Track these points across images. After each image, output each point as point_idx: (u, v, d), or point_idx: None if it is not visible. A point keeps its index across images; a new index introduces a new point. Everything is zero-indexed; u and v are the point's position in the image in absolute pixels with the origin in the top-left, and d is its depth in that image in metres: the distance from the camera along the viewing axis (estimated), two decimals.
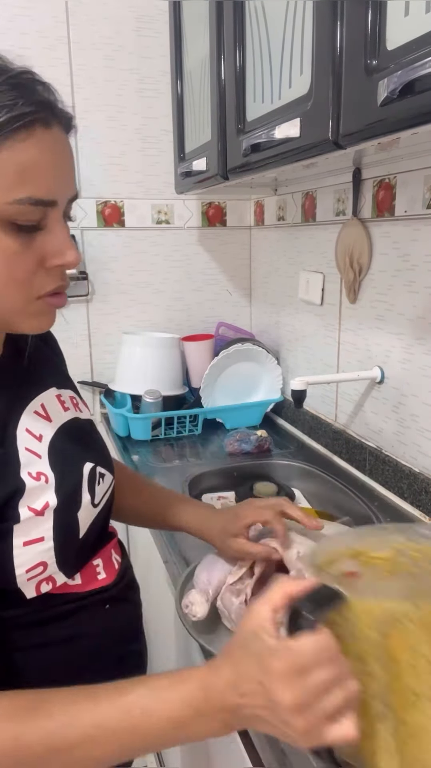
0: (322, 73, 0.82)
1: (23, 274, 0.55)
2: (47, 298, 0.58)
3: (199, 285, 1.98)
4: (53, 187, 0.54)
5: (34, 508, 0.61)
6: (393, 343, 1.24)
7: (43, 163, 0.53)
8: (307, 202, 1.57)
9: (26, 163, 0.52)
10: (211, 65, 1.28)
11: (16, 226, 0.53)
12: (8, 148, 0.50)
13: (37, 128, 0.52)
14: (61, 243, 0.56)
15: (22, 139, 0.51)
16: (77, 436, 0.71)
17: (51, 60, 1.67)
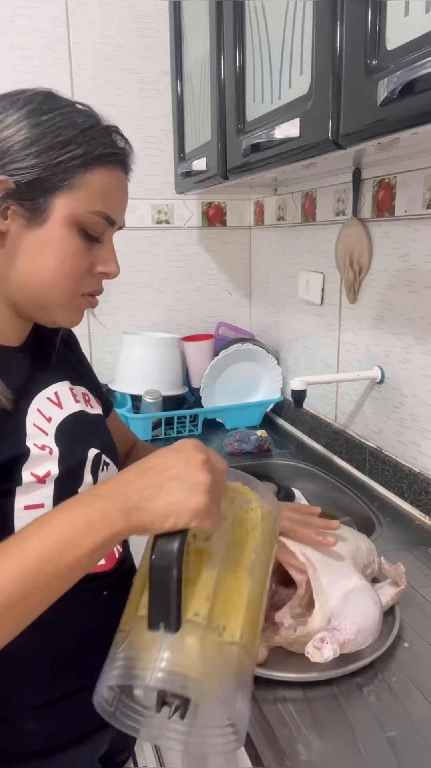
0: (322, 73, 0.82)
1: (78, 271, 0.68)
2: (87, 297, 0.71)
3: (199, 285, 1.98)
4: (118, 213, 0.70)
5: (36, 474, 0.66)
6: (393, 343, 1.24)
7: (117, 193, 0.69)
8: (307, 202, 1.57)
9: (108, 188, 0.67)
10: (211, 65, 1.28)
11: (84, 232, 0.67)
12: (100, 173, 0.66)
13: (118, 167, 0.69)
14: (109, 255, 0.71)
15: (110, 171, 0.67)
16: (85, 426, 0.76)
17: (51, 60, 1.67)
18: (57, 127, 0.64)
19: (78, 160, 0.64)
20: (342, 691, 0.72)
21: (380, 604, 0.76)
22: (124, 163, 0.70)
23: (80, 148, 0.64)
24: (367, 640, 0.73)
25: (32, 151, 0.63)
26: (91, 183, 0.65)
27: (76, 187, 0.65)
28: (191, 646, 0.54)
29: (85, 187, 0.65)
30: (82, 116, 0.66)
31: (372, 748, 0.64)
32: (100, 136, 0.66)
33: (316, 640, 0.70)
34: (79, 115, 0.66)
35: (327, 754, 0.64)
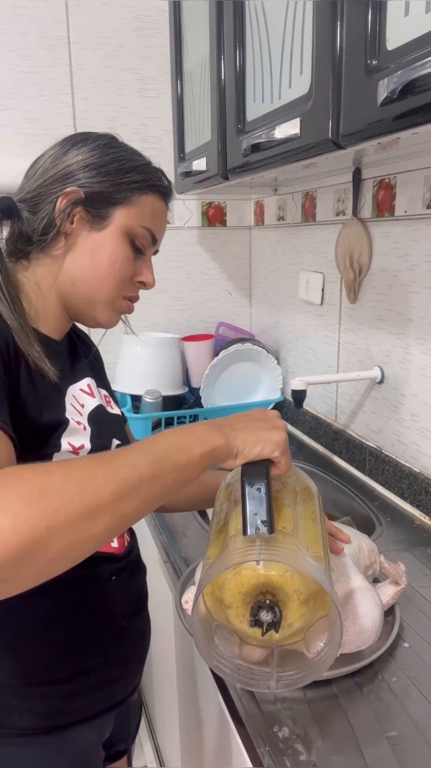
0: (322, 73, 0.82)
1: (124, 274, 0.79)
2: (126, 300, 0.81)
3: (199, 285, 1.98)
4: (160, 234, 0.83)
5: (73, 444, 0.72)
6: (393, 343, 1.24)
7: (161, 219, 0.82)
8: (307, 202, 1.57)
9: (156, 211, 0.80)
10: (211, 65, 1.28)
11: (133, 243, 0.78)
12: (152, 198, 0.79)
13: (164, 199, 0.82)
14: (148, 268, 0.82)
15: (159, 198, 0.81)
16: (109, 420, 0.83)
17: (51, 60, 1.67)
18: (122, 158, 0.78)
19: (137, 184, 0.78)
20: (342, 691, 0.72)
21: (381, 605, 0.76)
22: (168, 197, 0.83)
23: (139, 176, 0.78)
24: (368, 641, 0.73)
25: (102, 171, 0.76)
26: (144, 203, 0.78)
27: (133, 204, 0.77)
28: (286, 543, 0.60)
29: (139, 205, 0.78)
30: (141, 157, 0.81)
31: (372, 748, 0.64)
32: (154, 171, 0.81)
33: None
34: (138, 155, 0.81)
35: (327, 754, 0.64)
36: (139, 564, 0.88)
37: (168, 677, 1.23)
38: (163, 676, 1.31)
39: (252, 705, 0.71)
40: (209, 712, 0.90)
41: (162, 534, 1.14)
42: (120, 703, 0.83)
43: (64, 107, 1.71)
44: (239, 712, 0.70)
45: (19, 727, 0.74)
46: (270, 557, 0.59)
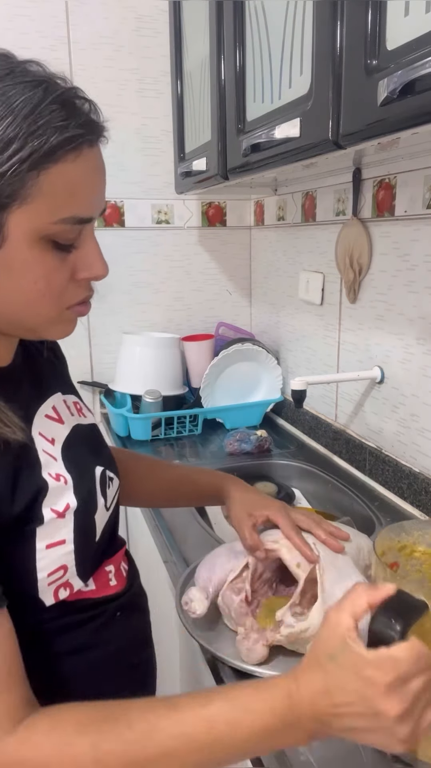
0: (322, 73, 0.82)
1: (58, 287, 0.57)
2: (75, 307, 0.61)
3: (199, 285, 1.98)
4: (93, 204, 0.57)
5: (57, 510, 0.62)
6: (393, 343, 1.24)
7: (88, 182, 0.55)
8: (307, 202, 1.57)
9: (74, 182, 0.53)
10: (211, 65, 1.28)
11: (55, 244, 0.55)
12: (58, 170, 0.52)
13: (84, 148, 0.54)
14: (91, 256, 0.58)
15: (72, 160, 0.53)
16: (85, 441, 0.71)
17: (51, 60, 1.65)
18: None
19: (26, 164, 0.50)
20: None
21: None
22: (92, 138, 0.55)
23: (25, 147, 0.50)
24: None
25: None
26: (50, 186, 0.52)
27: (30, 197, 0.51)
28: None
29: (41, 193, 0.52)
30: (23, 90, 0.51)
31: (372, 748, 0.64)
32: (50, 116, 0.51)
33: None
34: (19, 91, 0.51)
35: (327, 754, 0.64)
36: (141, 592, 0.81)
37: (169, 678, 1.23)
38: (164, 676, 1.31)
39: None
40: None
41: (162, 534, 1.13)
42: None
43: None
44: None
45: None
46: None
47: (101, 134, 0.57)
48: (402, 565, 0.72)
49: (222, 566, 0.85)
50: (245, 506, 0.86)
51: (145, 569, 1.29)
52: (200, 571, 0.87)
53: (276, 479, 1.44)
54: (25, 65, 0.55)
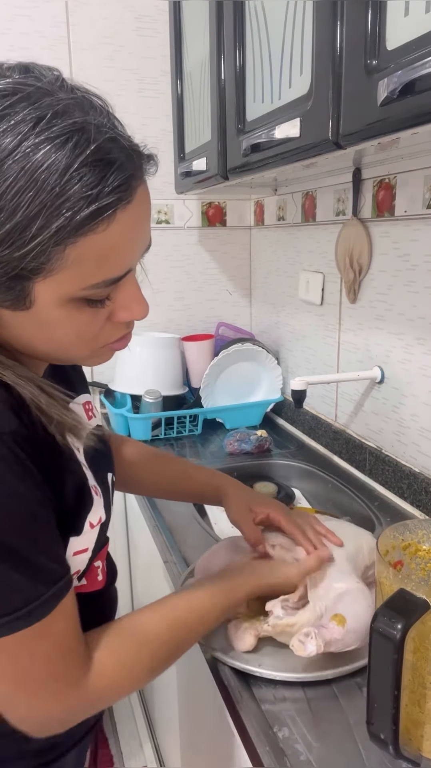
0: (322, 73, 0.82)
1: (91, 336, 0.56)
2: (111, 344, 0.59)
3: (199, 285, 1.98)
4: (130, 260, 0.53)
5: (93, 523, 0.64)
6: (393, 343, 1.24)
7: (123, 244, 0.51)
8: (307, 202, 1.57)
9: (105, 250, 0.49)
10: (211, 65, 1.27)
11: (87, 302, 0.53)
12: (86, 241, 0.48)
13: (118, 212, 0.48)
14: (129, 299, 0.55)
15: (102, 230, 0.48)
16: (100, 446, 0.71)
17: (51, 60, 1.66)
18: (13, 194, 0.44)
19: (51, 241, 0.46)
20: (342, 691, 0.72)
21: (373, 607, 0.76)
22: (129, 196, 0.50)
23: (51, 225, 0.45)
24: (355, 642, 0.73)
25: None
26: (77, 257, 0.48)
27: (56, 270, 0.48)
28: None
29: (69, 266, 0.48)
30: (51, 151, 0.44)
31: (372, 748, 0.64)
32: (79, 184, 0.45)
33: (301, 635, 0.70)
34: (45, 154, 0.44)
35: (327, 754, 0.64)
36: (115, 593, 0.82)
37: (168, 677, 1.23)
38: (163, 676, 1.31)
39: (252, 706, 0.71)
40: (209, 713, 0.89)
41: (162, 534, 1.13)
42: (97, 721, 0.80)
43: None
44: (239, 712, 0.70)
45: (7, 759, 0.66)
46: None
47: (143, 171, 0.53)
48: (406, 563, 0.72)
49: (221, 559, 0.86)
50: (245, 502, 0.88)
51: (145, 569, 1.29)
52: (200, 563, 0.88)
53: (276, 479, 1.44)
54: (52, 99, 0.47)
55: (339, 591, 0.76)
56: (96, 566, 0.73)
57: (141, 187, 0.52)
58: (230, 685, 0.74)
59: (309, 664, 0.73)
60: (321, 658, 0.73)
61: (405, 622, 0.55)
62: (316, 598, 0.75)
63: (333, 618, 0.73)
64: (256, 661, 0.75)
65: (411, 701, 0.60)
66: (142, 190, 0.52)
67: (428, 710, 0.60)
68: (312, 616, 0.74)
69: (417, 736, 0.61)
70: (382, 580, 0.64)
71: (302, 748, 0.64)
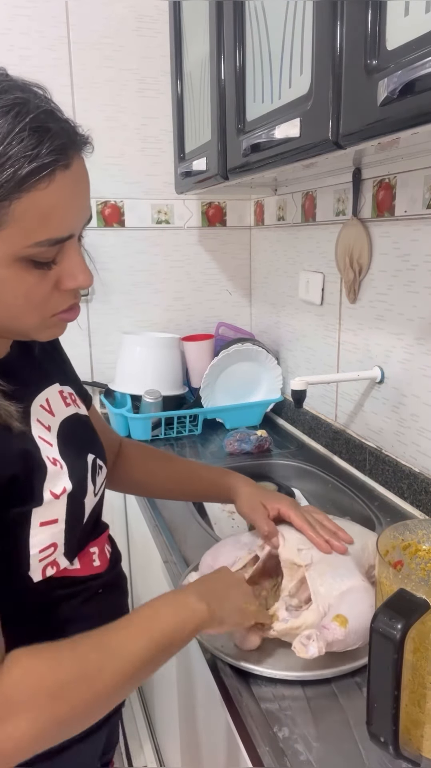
0: (322, 73, 0.82)
1: (40, 300, 0.59)
2: (61, 314, 0.62)
3: (199, 285, 1.98)
4: (72, 223, 0.57)
5: (54, 492, 0.65)
6: (393, 343, 1.24)
7: (63, 205, 0.55)
8: (307, 202, 1.57)
9: (47, 208, 0.54)
10: (211, 65, 1.28)
11: (33, 263, 0.56)
12: (30, 197, 0.52)
13: (57, 173, 0.54)
14: (74, 267, 0.60)
15: (43, 188, 0.53)
16: (79, 430, 0.75)
17: (51, 60, 1.67)
18: None
19: (2, 191, 0.51)
20: (342, 691, 0.72)
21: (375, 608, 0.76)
22: (67, 161, 0.55)
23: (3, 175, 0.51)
24: (357, 641, 0.73)
25: None
26: (21, 213, 0.53)
27: (3, 224, 0.53)
28: None
29: (14, 221, 0.53)
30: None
31: (372, 748, 0.64)
32: (20, 146, 0.51)
33: (303, 637, 0.70)
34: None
35: (327, 754, 0.64)
36: (122, 575, 0.84)
37: (167, 677, 1.23)
38: (163, 676, 1.31)
39: (252, 705, 0.71)
40: (209, 712, 0.89)
41: (162, 534, 1.14)
42: (114, 712, 0.81)
43: (63, 107, 1.70)
44: (239, 712, 0.70)
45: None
46: None
47: (80, 147, 0.58)
48: (406, 563, 0.72)
49: (226, 555, 0.86)
50: (257, 497, 0.90)
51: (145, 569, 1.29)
52: (205, 558, 0.89)
53: (276, 479, 1.44)
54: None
55: (343, 589, 0.76)
56: (91, 551, 0.76)
57: (77, 158, 0.57)
58: (230, 683, 0.74)
59: (309, 662, 0.74)
60: (322, 657, 0.73)
61: (405, 622, 0.55)
62: (321, 597, 0.75)
63: (335, 619, 0.73)
64: (256, 660, 0.76)
65: (411, 701, 0.60)
66: (79, 161, 0.58)
67: (428, 710, 0.60)
68: (317, 617, 0.74)
69: (417, 736, 0.61)
70: (382, 580, 0.64)
71: (302, 748, 0.64)
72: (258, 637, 0.76)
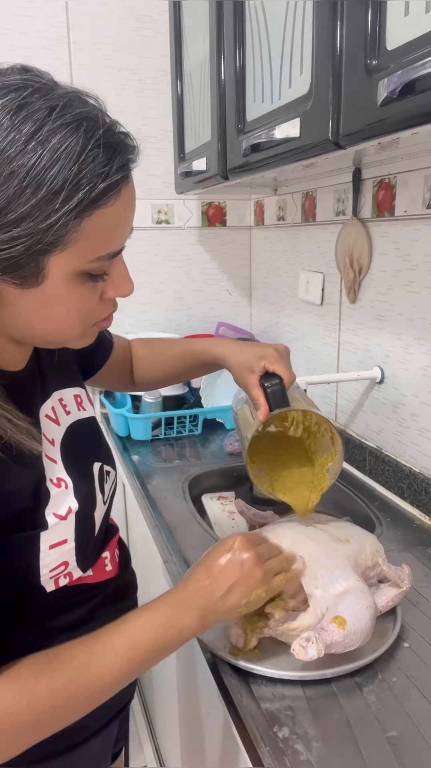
0: (322, 73, 0.82)
1: (88, 311, 0.60)
2: (99, 323, 0.64)
3: (199, 285, 1.98)
4: (124, 238, 0.60)
5: (59, 515, 0.64)
6: (393, 343, 1.24)
7: (124, 218, 0.57)
8: (307, 202, 1.57)
9: (111, 223, 0.55)
10: (211, 65, 1.28)
11: (89, 276, 0.57)
12: (100, 214, 0.53)
13: (122, 189, 0.55)
14: (119, 278, 0.61)
15: (111, 204, 0.54)
16: (83, 437, 0.74)
17: (51, 60, 1.67)
18: (38, 171, 0.49)
19: (72, 213, 0.51)
20: (342, 691, 0.72)
21: (374, 608, 0.76)
22: (129, 176, 0.56)
23: (72, 198, 0.51)
24: (356, 642, 0.73)
25: (11, 219, 0.50)
26: (90, 230, 0.54)
27: (72, 242, 0.53)
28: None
29: (82, 238, 0.53)
30: (67, 135, 0.50)
31: (372, 748, 0.64)
32: (93, 163, 0.52)
33: (302, 639, 0.70)
34: (62, 137, 0.50)
35: (327, 754, 0.64)
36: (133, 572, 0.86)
37: (167, 677, 1.23)
38: (163, 676, 1.31)
39: (252, 705, 0.71)
40: (209, 712, 0.90)
41: (162, 534, 1.14)
42: (125, 705, 0.83)
43: None
44: (239, 712, 0.70)
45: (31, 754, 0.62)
46: None
47: (136, 161, 0.58)
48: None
49: None
50: (243, 364, 0.90)
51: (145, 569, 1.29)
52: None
53: None
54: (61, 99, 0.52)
55: (340, 590, 0.76)
56: (103, 557, 0.76)
57: (132, 171, 0.58)
58: (230, 683, 0.74)
59: (308, 662, 0.73)
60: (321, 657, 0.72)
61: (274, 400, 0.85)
62: (317, 599, 0.75)
63: (334, 620, 0.73)
64: (256, 659, 0.76)
65: None
66: (131, 179, 0.58)
67: None
68: (314, 619, 0.74)
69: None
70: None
71: (302, 748, 0.64)
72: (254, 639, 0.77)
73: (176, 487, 1.33)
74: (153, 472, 1.43)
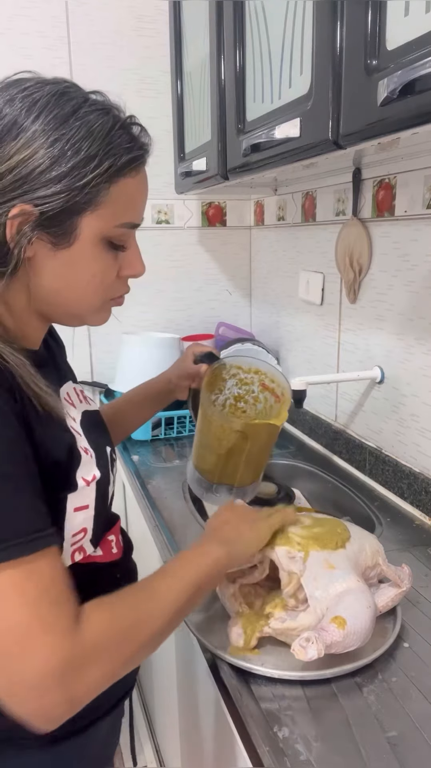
0: (322, 73, 0.82)
1: (109, 282, 0.69)
2: (115, 299, 0.73)
3: (199, 285, 1.98)
4: (143, 212, 0.70)
5: (87, 479, 0.70)
6: (393, 343, 1.24)
7: (141, 195, 0.68)
8: (307, 202, 1.57)
9: (133, 194, 0.66)
10: (211, 65, 1.28)
11: (111, 245, 0.66)
12: (124, 183, 0.64)
13: (141, 167, 0.66)
14: (134, 257, 0.71)
15: (133, 176, 0.65)
16: (94, 423, 0.80)
17: (51, 60, 1.67)
18: (77, 140, 0.60)
19: (103, 177, 0.62)
20: (342, 691, 0.72)
21: (374, 608, 0.76)
22: (145, 159, 0.67)
23: (104, 163, 0.62)
24: (355, 642, 0.73)
25: (54, 176, 0.60)
26: (116, 196, 0.64)
27: (102, 204, 0.63)
28: None
29: (110, 202, 0.63)
30: (99, 116, 0.62)
31: (372, 748, 0.64)
32: (120, 139, 0.63)
33: (302, 639, 0.70)
34: (96, 117, 0.62)
35: (327, 754, 0.64)
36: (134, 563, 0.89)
37: (167, 677, 1.23)
38: (163, 675, 1.31)
39: (252, 705, 0.71)
40: (209, 712, 0.89)
41: (162, 534, 1.14)
42: (132, 685, 0.85)
43: None
44: (239, 712, 0.70)
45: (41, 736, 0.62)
46: None
47: (150, 148, 0.69)
48: None
49: None
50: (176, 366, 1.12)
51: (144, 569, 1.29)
52: None
53: (276, 479, 1.44)
54: (92, 95, 0.66)
55: (339, 590, 0.76)
56: (110, 539, 0.80)
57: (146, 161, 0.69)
58: (230, 683, 0.74)
59: (308, 662, 0.73)
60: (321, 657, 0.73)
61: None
62: (317, 599, 0.75)
63: (334, 620, 0.73)
64: (256, 659, 0.76)
65: None
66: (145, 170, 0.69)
67: None
68: (314, 620, 0.74)
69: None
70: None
71: (302, 748, 0.64)
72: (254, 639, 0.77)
73: (176, 486, 1.33)
74: (153, 472, 1.43)
